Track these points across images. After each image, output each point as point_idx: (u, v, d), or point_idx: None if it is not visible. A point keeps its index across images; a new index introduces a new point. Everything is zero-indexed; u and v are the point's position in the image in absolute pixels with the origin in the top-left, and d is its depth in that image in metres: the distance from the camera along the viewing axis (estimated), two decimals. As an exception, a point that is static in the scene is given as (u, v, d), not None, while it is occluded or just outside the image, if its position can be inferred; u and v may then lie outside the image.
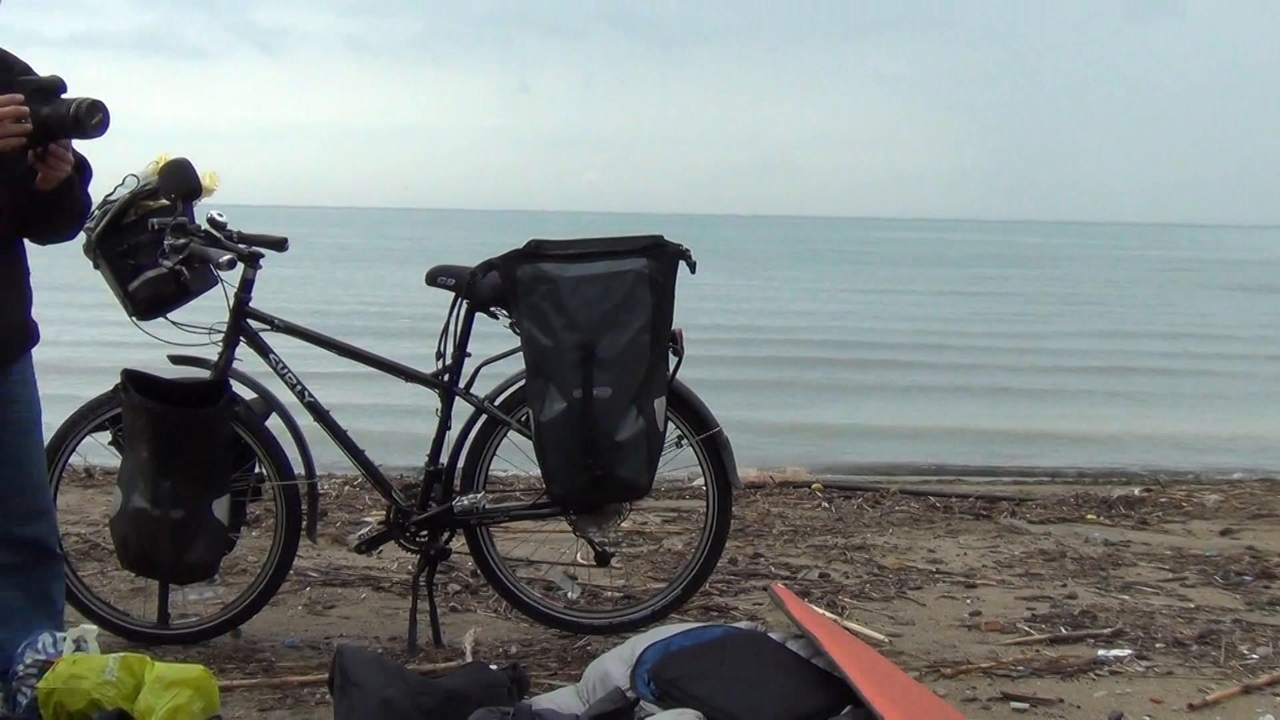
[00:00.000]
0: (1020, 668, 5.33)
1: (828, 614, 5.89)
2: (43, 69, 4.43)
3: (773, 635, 4.47)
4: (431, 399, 5.54)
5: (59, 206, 4.38)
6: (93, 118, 4.06)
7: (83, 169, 4.42)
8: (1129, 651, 5.57)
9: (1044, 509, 8.77)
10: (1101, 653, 5.55)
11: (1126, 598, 6.47)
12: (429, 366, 5.52)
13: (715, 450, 5.55)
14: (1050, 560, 7.25)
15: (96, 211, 5.10)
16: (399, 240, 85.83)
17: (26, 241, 4.45)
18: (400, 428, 11.15)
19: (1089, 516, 8.56)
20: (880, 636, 5.73)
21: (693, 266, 5.25)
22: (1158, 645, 5.68)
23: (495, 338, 5.42)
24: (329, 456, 5.96)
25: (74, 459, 5.48)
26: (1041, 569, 7.05)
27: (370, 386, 11.22)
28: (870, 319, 29.11)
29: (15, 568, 4.54)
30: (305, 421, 5.52)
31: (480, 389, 5.53)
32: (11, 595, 4.55)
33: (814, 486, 9.43)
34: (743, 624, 4.95)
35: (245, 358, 5.41)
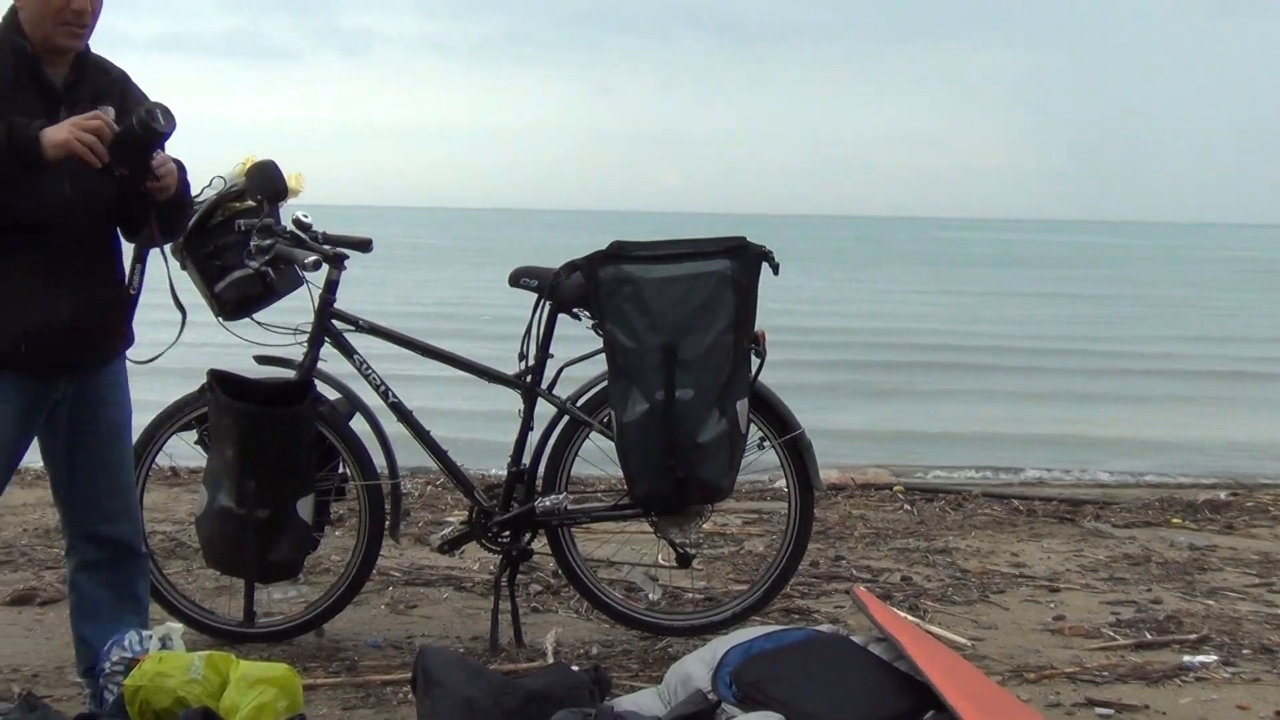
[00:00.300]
0: (1105, 673, 5.29)
1: (910, 617, 5.86)
2: (129, 71, 4.51)
3: (855, 638, 4.46)
4: (511, 402, 5.57)
5: (179, 207, 4.51)
6: (155, 120, 4.09)
7: (179, 167, 4.51)
8: (1215, 657, 5.51)
9: (1128, 513, 8.67)
10: (1187, 658, 5.50)
11: (1212, 603, 6.40)
12: (510, 367, 5.54)
13: (797, 452, 5.55)
14: (1135, 564, 7.19)
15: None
16: (482, 240, 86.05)
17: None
18: (480, 434, 11.13)
19: (1174, 520, 8.46)
20: (963, 640, 5.70)
21: (775, 268, 5.24)
22: (1244, 651, 5.62)
23: (578, 339, 5.43)
24: (412, 457, 5.99)
25: (160, 458, 5.54)
26: (1126, 573, 6.98)
27: (452, 390, 11.24)
28: (948, 322, 28.85)
29: (102, 565, 4.61)
30: (389, 423, 5.55)
31: (562, 390, 5.54)
32: (99, 593, 4.62)
33: (895, 489, 9.38)
34: (824, 627, 4.95)
35: (329, 358, 5.44)
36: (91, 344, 4.39)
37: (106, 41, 4.40)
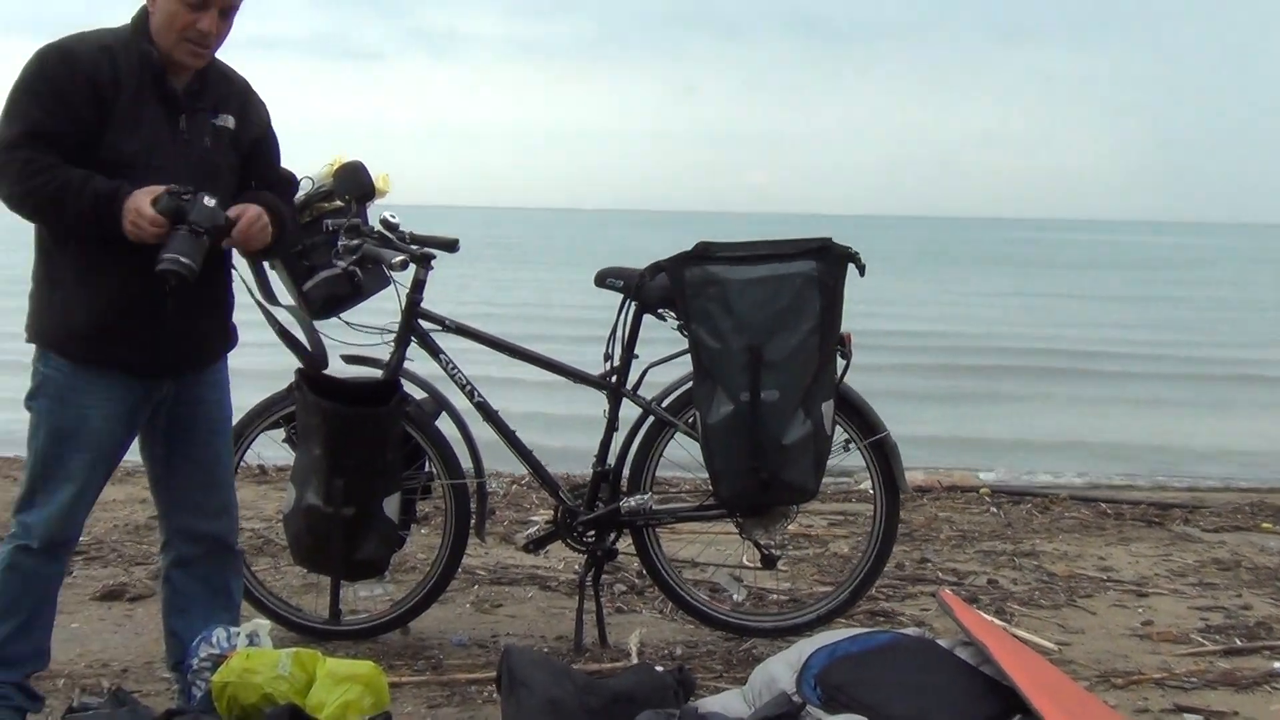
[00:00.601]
0: (1193, 679, 5.23)
1: (996, 621, 5.82)
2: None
3: (940, 642, 4.43)
4: (595, 404, 5.57)
5: (280, 239, 4.55)
6: (166, 280, 4.10)
7: (290, 183, 4.58)
8: (1306, 665, 5.45)
9: (1218, 517, 8.57)
10: (1277, 665, 5.43)
11: (1303, 609, 6.33)
12: (595, 368, 5.54)
13: (883, 454, 5.52)
14: (1224, 569, 7.11)
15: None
16: (568, 241, 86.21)
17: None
18: (564, 437, 11.10)
19: (1264, 525, 8.36)
20: (1049, 645, 5.65)
21: (861, 269, 5.21)
22: (1337, 659, 5.55)
23: (663, 340, 5.43)
24: (497, 457, 6.01)
25: (248, 456, 5.60)
26: (1215, 578, 6.91)
27: (536, 392, 11.24)
28: (1037, 325, 28.55)
29: (197, 561, 4.66)
30: (475, 422, 5.57)
31: (647, 391, 5.54)
32: (193, 587, 4.67)
33: (982, 491, 9.32)
34: (910, 630, 4.92)
35: (417, 357, 5.47)
36: (197, 347, 4.45)
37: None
